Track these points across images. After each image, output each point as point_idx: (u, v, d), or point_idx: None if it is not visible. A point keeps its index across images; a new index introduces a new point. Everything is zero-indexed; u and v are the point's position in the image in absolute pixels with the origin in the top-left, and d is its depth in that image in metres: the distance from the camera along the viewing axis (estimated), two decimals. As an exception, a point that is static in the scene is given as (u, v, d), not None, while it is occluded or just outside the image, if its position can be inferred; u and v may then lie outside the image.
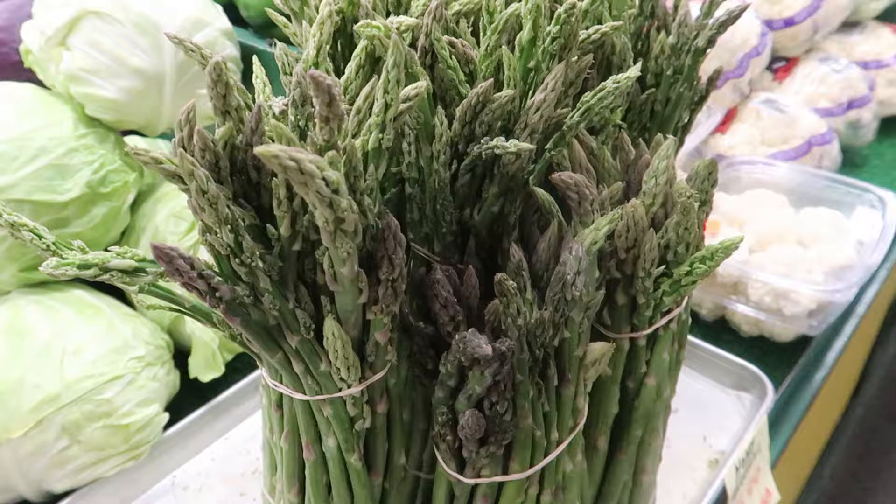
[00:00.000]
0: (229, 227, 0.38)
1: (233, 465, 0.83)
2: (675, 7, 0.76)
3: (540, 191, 0.55)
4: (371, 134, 0.42)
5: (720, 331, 1.05)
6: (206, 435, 0.86)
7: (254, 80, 0.57)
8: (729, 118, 1.23)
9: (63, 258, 0.38)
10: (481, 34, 0.60)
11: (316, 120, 0.36)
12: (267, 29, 0.97)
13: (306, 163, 0.33)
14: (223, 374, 0.88)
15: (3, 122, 0.78)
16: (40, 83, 0.92)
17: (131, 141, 0.99)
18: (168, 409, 0.83)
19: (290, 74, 0.59)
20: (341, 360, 0.45)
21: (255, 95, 0.56)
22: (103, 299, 0.84)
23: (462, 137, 0.52)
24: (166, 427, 0.82)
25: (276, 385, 0.48)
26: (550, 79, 0.50)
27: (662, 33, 0.73)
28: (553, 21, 0.49)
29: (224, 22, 0.91)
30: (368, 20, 0.47)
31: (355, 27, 0.48)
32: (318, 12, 0.60)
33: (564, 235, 0.54)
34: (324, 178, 0.34)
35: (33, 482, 0.73)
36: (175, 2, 0.86)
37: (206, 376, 0.85)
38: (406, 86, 0.44)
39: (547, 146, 0.56)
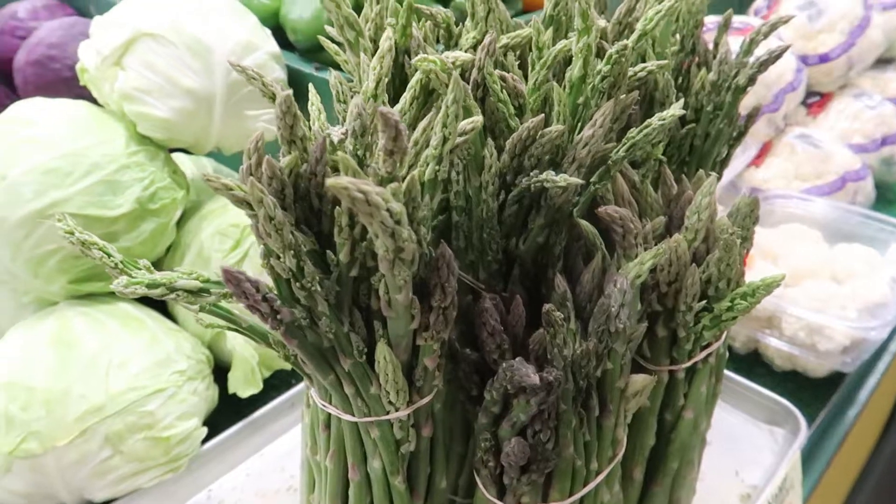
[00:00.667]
0: (292, 252, 0.39)
1: (268, 481, 0.84)
2: (716, 44, 0.77)
3: (585, 223, 0.56)
4: (428, 165, 0.44)
5: (753, 364, 1.05)
6: (243, 450, 0.87)
7: (310, 108, 0.59)
8: (763, 152, 1.24)
9: (132, 277, 0.40)
10: (529, 68, 0.62)
11: (380, 152, 0.38)
12: (312, 53, 0.99)
13: (373, 195, 0.34)
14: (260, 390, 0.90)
15: (60, 139, 0.81)
16: (91, 100, 0.96)
17: (178, 158, 1.02)
18: (205, 423, 0.84)
19: (344, 102, 0.62)
20: (391, 384, 0.46)
21: (311, 122, 0.58)
22: (147, 313, 0.86)
23: (511, 169, 0.54)
24: (203, 441, 0.83)
25: (324, 405, 0.50)
26: (599, 115, 0.51)
27: (703, 70, 0.74)
28: (604, 60, 0.51)
29: (273, 46, 0.93)
30: (426, 55, 0.48)
31: (413, 61, 0.49)
32: (371, 42, 0.62)
33: (608, 267, 0.55)
34: (388, 210, 0.36)
35: (75, 490, 0.75)
36: (227, 26, 0.88)
37: (244, 392, 0.87)
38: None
39: (592, 179, 0.57)
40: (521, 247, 0.56)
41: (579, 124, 0.54)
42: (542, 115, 0.50)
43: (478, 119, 0.45)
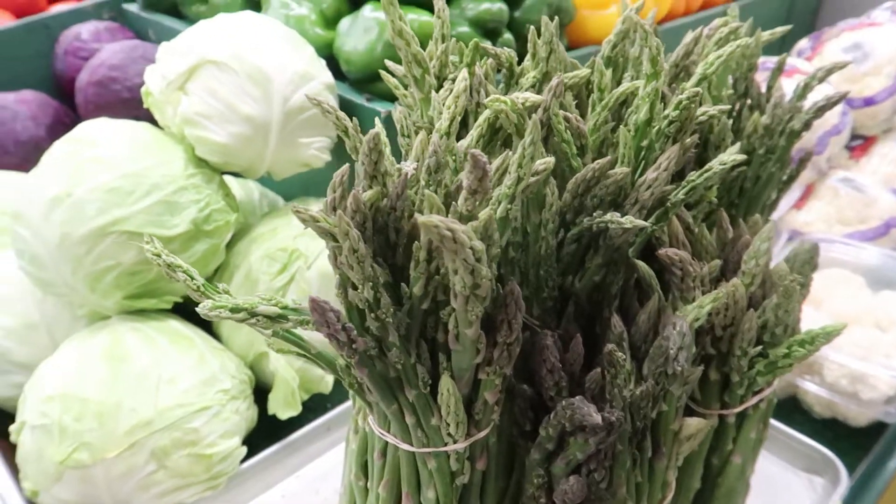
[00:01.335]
0: (371, 284, 0.41)
1: (302, 502, 0.85)
2: (769, 88, 0.78)
3: (642, 264, 0.57)
4: (500, 204, 0.45)
5: (791, 410, 1.04)
6: (279, 471, 0.88)
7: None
8: (806, 195, 1.24)
9: (216, 301, 0.41)
10: (589, 109, 0.63)
11: (464, 191, 0.39)
12: (363, 84, 1.02)
13: (460, 233, 0.36)
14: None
15: (123, 159, 0.84)
16: (148, 120, 0.98)
17: (226, 180, 1.04)
18: (243, 442, 0.85)
19: (408, 136, 0.63)
20: (452, 417, 0.47)
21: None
22: (195, 331, 0.88)
23: (571, 208, 0.55)
24: (242, 461, 0.84)
25: (383, 434, 0.50)
26: (664, 159, 0.52)
27: (756, 113, 0.75)
28: (672, 105, 0.52)
29: (328, 76, 0.96)
30: (498, 96, 0.50)
31: (486, 101, 0.51)
32: (436, 79, 0.64)
33: (664, 309, 0.55)
34: (471, 248, 0.37)
35: (120, 502, 0.76)
36: (286, 56, 0.91)
37: (284, 414, 0.88)
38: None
39: (649, 220, 0.58)
40: (577, 284, 0.57)
41: (642, 166, 0.55)
42: (610, 157, 0.51)
43: (550, 160, 0.46)
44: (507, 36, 1.10)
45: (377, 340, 0.44)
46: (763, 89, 0.77)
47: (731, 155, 0.55)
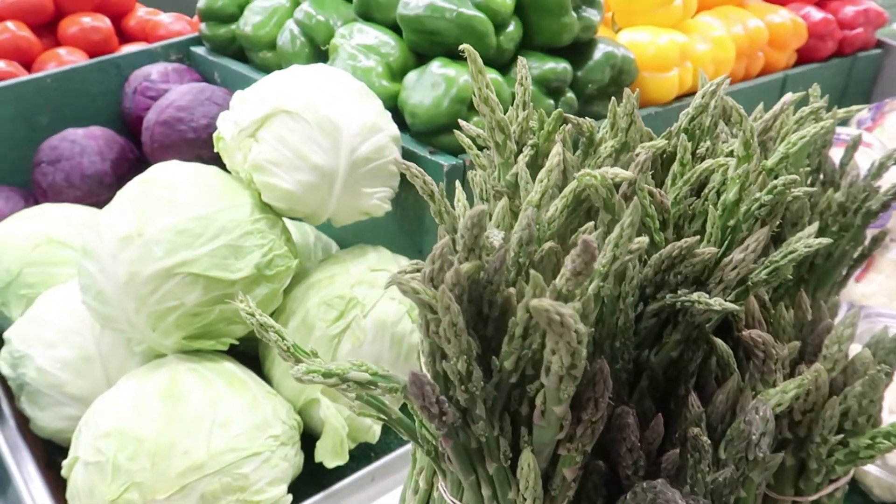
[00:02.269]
0: (465, 357, 0.41)
1: (346, 555, 0.84)
2: (843, 164, 0.78)
3: (720, 343, 0.56)
4: (593, 282, 0.45)
5: (850, 492, 1.00)
6: (322, 521, 0.87)
7: (456, 204, 0.62)
8: (866, 267, 1.21)
9: (310, 366, 0.41)
10: (668, 180, 0.63)
11: (567, 272, 0.39)
12: (427, 136, 1.03)
13: (568, 317, 0.36)
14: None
15: (194, 202, 0.86)
16: (211, 161, 1.00)
17: (286, 222, 1.05)
18: (288, 489, 0.85)
19: (487, 200, 0.64)
20: (530, 492, 0.46)
21: (458, 215, 0.60)
22: (248, 374, 0.88)
23: (652, 282, 0.55)
24: (287, 508, 0.84)
25: (455, 502, 0.50)
26: (753, 241, 0.51)
27: (830, 190, 0.74)
28: (766, 190, 0.52)
29: (394, 129, 0.98)
30: (588, 170, 0.50)
31: (576, 175, 0.51)
32: (516, 145, 0.65)
33: (742, 390, 0.54)
34: (576, 331, 0.37)
35: (167, 546, 0.76)
36: (356, 108, 0.93)
37: (331, 462, 0.87)
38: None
39: (729, 298, 0.57)
40: (653, 359, 0.56)
41: (727, 245, 0.55)
42: (697, 238, 0.50)
43: (644, 240, 0.46)
44: (570, 95, 1.11)
45: (463, 412, 0.44)
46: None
47: (817, 239, 0.55)
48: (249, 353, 0.97)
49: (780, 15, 1.44)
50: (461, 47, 0.66)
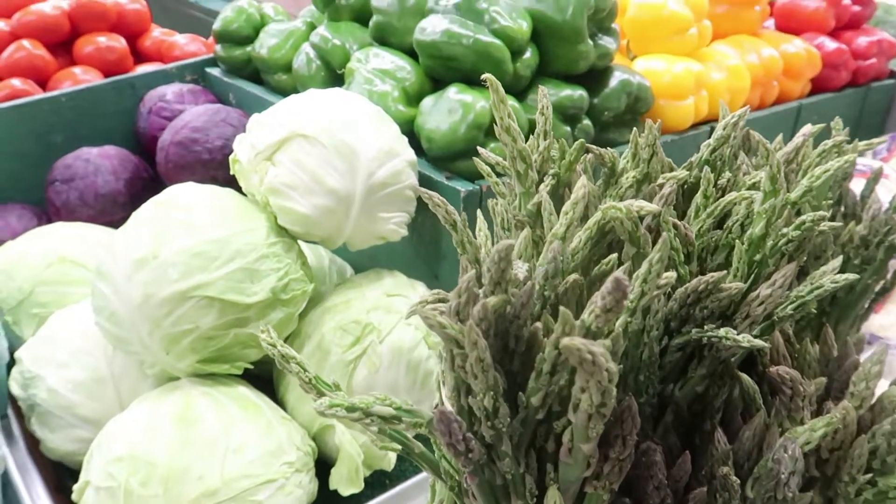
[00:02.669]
0: (492, 393, 0.40)
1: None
2: (863, 197, 0.77)
3: (746, 378, 0.55)
4: (620, 317, 0.44)
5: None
6: (335, 550, 0.86)
7: (478, 233, 0.61)
8: (885, 297, 1.20)
9: (333, 399, 0.41)
10: (692, 213, 0.63)
11: (596, 308, 0.38)
12: (444, 162, 1.03)
13: (599, 356, 0.35)
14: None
15: (210, 224, 0.86)
16: (224, 181, 1.00)
17: (301, 244, 1.05)
18: (300, 517, 0.84)
19: (508, 230, 0.63)
20: (555, 530, 0.45)
21: (480, 245, 0.60)
22: (263, 399, 0.87)
23: (677, 316, 0.54)
24: (299, 537, 0.82)
25: (477, 540, 0.49)
26: (780, 277, 0.51)
27: (852, 223, 0.74)
28: (793, 226, 0.51)
29: (410, 154, 0.98)
30: (613, 203, 0.50)
31: (601, 207, 0.51)
32: (537, 174, 0.65)
33: (769, 426, 0.53)
34: (607, 370, 0.36)
35: (177, 575, 0.75)
36: (373, 133, 0.93)
37: (346, 490, 0.86)
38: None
39: (754, 333, 0.56)
40: (678, 393, 0.56)
41: (752, 278, 0.54)
42: (723, 273, 0.50)
43: (672, 275, 0.45)
44: (587, 122, 1.11)
45: (488, 448, 0.43)
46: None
47: (843, 275, 0.54)
48: (263, 377, 0.96)
49: (795, 45, 1.45)
50: (483, 76, 0.66)
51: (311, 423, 0.90)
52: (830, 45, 1.51)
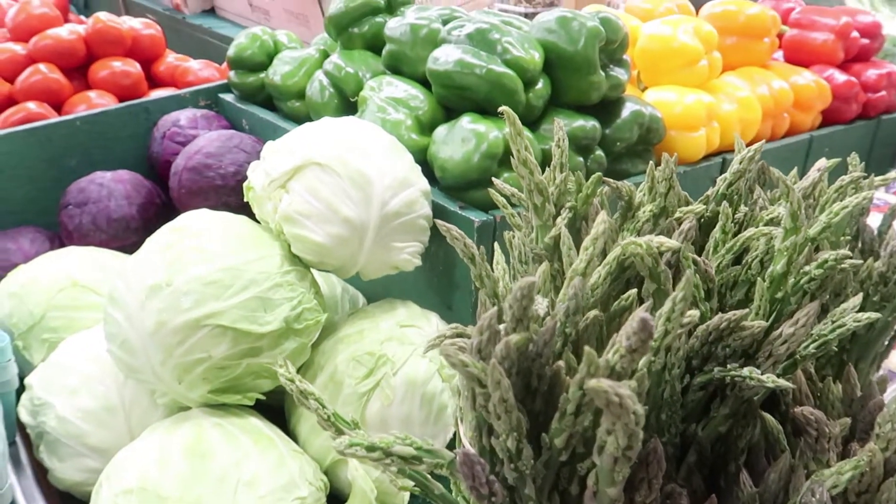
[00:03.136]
0: (515, 434, 0.39)
1: None
2: (881, 233, 0.77)
3: (770, 419, 0.54)
4: (643, 356, 0.43)
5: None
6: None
7: (495, 266, 0.61)
8: (898, 332, 1.19)
9: (353, 438, 0.40)
10: (710, 249, 0.62)
11: (622, 348, 0.38)
12: (457, 191, 1.04)
13: (627, 399, 0.34)
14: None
15: (224, 252, 0.86)
16: (237, 206, 0.99)
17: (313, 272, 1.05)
18: (310, 551, 0.82)
19: (526, 263, 0.63)
20: (578, 575, 0.44)
21: (496, 277, 0.59)
22: (275, 431, 0.87)
23: (698, 354, 0.53)
24: (310, 572, 0.81)
25: (496, 583, 0.48)
26: (803, 315, 0.50)
27: (870, 259, 0.73)
28: (816, 264, 0.51)
29: (424, 184, 0.98)
30: (634, 239, 0.50)
31: (621, 243, 0.51)
32: (554, 207, 0.65)
33: (795, 469, 0.53)
34: (634, 412, 0.35)
35: None
36: (387, 162, 0.93)
37: (356, 525, 0.85)
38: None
39: (776, 372, 0.56)
40: (701, 433, 0.55)
41: (773, 315, 0.54)
42: (745, 311, 0.49)
43: (695, 314, 0.45)
44: (599, 152, 1.11)
45: (510, 490, 0.42)
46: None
47: (865, 314, 0.54)
48: (273, 406, 0.95)
49: (804, 77, 1.45)
50: (500, 109, 0.66)
51: (323, 457, 0.89)
52: (840, 77, 1.51)
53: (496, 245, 0.62)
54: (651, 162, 0.66)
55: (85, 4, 3.22)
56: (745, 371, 0.49)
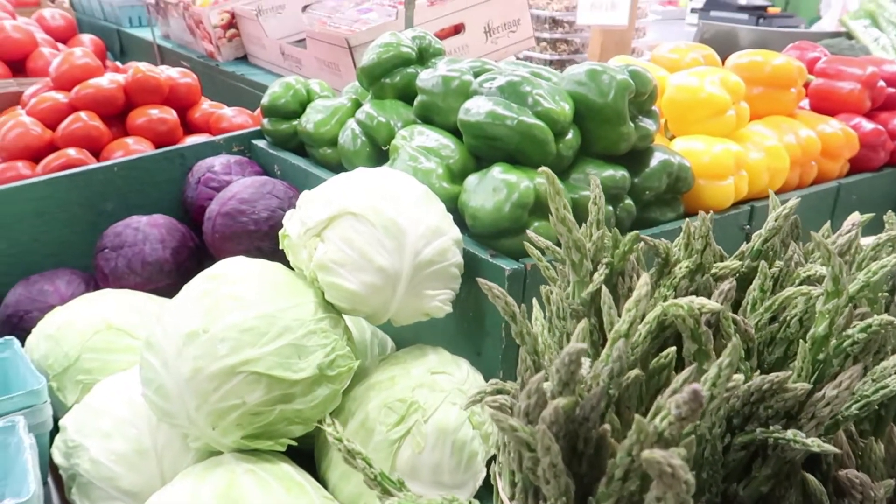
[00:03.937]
0: (564, 498, 0.40)
1: None
2: (916, 287, 0.76)
3: (813, 480, 0.54)
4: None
5: None
6: None
7: (533, 321, 0.62)
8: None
9: (401, 499, 0.41)
10: (748, 307, 0.63)
11: (671, 416, 0.38)
12: (488, 239, 1.05)
13: (679, 470, 0.35)
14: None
15: (260, 300, 0.87)
16: (269, 252, 1.01)
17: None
18: None
19: (563, 319, 0.64)
20: None
21: (536, 333, 0.60)
22: (306, 477, 0.87)
23: (739, 414, 0.53)
24: None
25: None
26: (846, 378, 0.50)
27: (909, 315, 0.73)
28: (859, 328, 0.51)
29: (456, 232, 0.99)
30: (675, 301, 0.50)
31: (662, 304, 0.51)
32: (591, 263, 0.65)
33: (838, 533, 0.52)
34: (685, 482, 0.36)
35: None
36: (420, 211, 0.95)
37: (385, 576, 0.84)
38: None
39: (819, 433, 0.55)
40: (742, 493, 0.54)
41: (815, 376, 0.54)
42: (787, 373, 0.49)
43: (740, 378, 0.45)
44: (629, 202, 1.12)
45: (556, 553, 0.42)
46: None
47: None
48: (303, 450, 0.95)
49: (831, 125, 1.46)
50: (540, 169, 0.67)
51: (353, 503, 0.88)
52: (867, 125, 1.52)
53: (534, 301, 0.63)
54: (687, 220, 0.66)
55: (121, 51, 3.33)
56: (790, 434, 0.49)
